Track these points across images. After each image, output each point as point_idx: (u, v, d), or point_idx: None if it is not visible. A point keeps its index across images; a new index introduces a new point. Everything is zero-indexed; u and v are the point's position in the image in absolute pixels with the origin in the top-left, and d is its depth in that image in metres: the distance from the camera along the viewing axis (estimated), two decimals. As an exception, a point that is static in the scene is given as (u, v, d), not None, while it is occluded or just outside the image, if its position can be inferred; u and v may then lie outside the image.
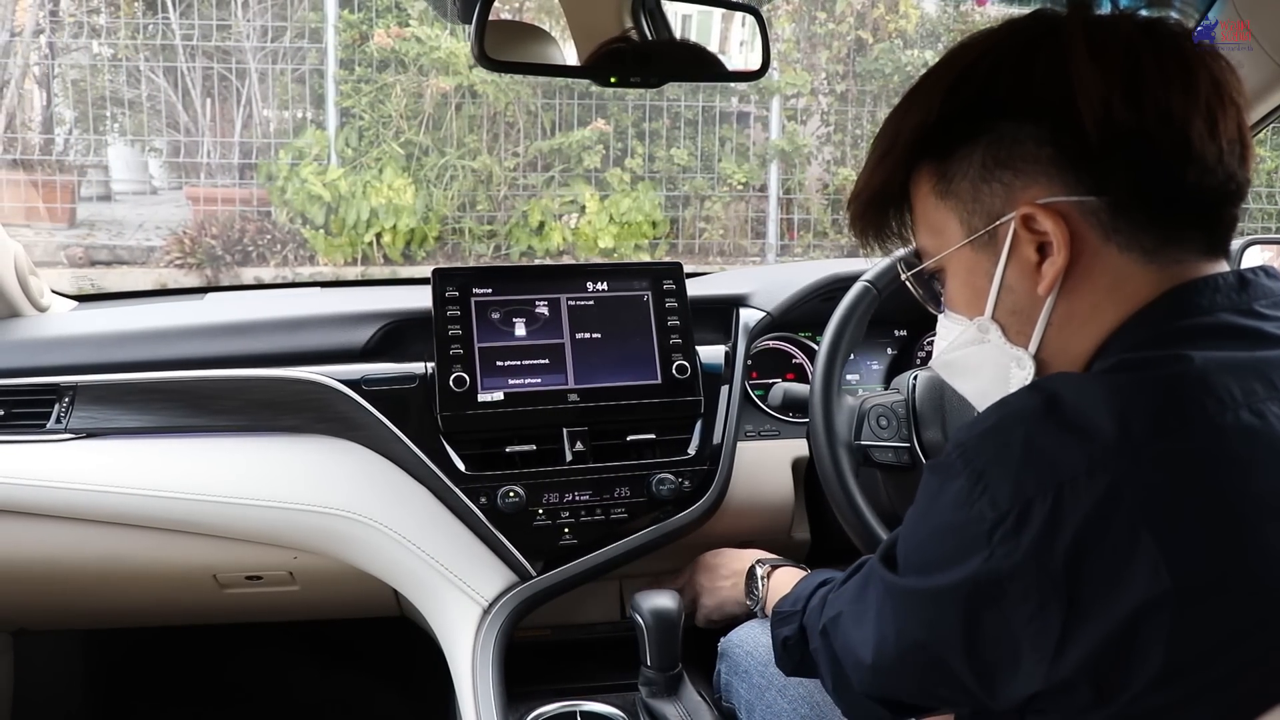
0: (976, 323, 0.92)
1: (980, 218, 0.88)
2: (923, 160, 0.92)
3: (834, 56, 7.15)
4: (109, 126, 6.93)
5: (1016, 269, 0.87)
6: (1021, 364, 0.90)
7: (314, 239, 6.23)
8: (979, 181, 0.87)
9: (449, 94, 6.37)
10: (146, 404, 1.60)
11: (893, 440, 1.50)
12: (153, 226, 6.70)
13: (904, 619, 0.87)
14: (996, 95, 0.85)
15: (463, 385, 1.59)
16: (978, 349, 0.93)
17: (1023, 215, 0.85)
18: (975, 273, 0.91)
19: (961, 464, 0.81)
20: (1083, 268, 0.84)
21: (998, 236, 0.88)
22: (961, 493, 0.80)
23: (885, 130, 0.94)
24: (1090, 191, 0.83)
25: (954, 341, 0.96)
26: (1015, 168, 0.85)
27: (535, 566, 1.60)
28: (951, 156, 0.89)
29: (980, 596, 0.78)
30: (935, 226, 0.93)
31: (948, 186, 0.90)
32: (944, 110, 0.88)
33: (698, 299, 1.77)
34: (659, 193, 6.65)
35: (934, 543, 0.84)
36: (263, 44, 6.49)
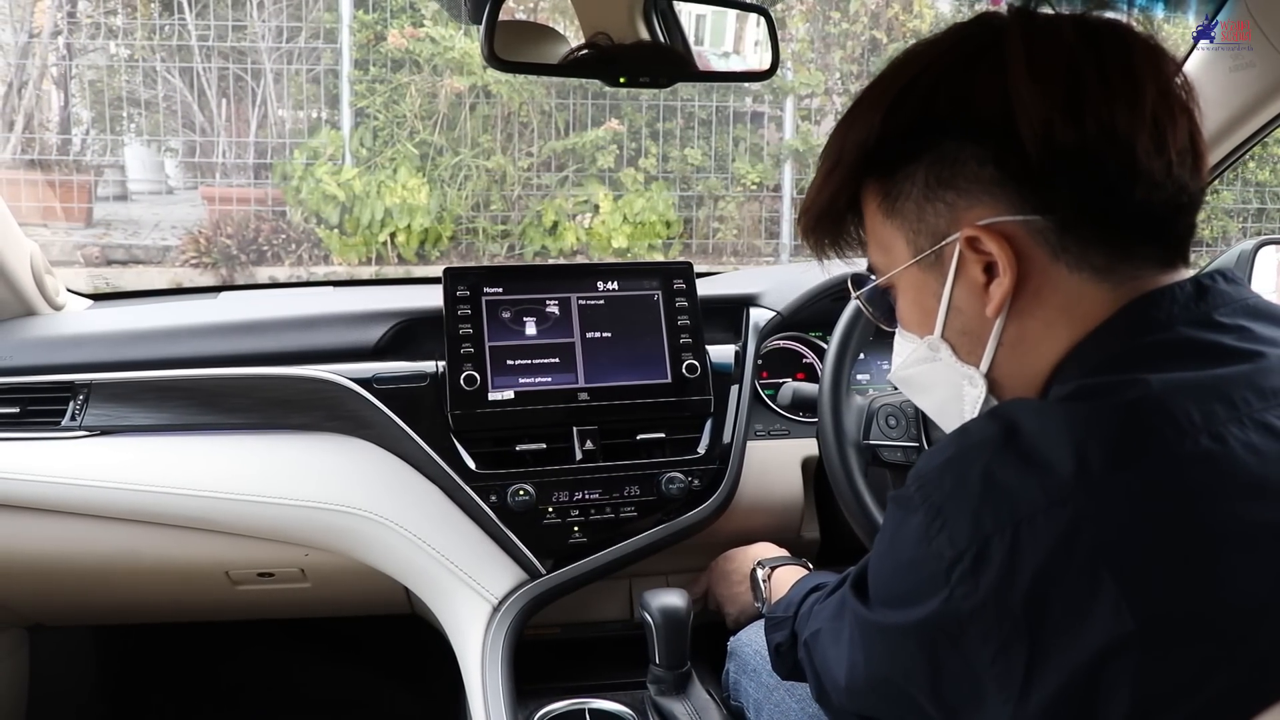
0: (927, 341, 0.90)
1: (926, 238, 0.86)
2: (868, 177, 0.89)
3: (848, 56, 7.14)
4: (125, 127, 6.97)
5: (964, 290, 0.85)
6: (974, 382, 0.89)
7: (328, 239, 6.25)
8: (923, 201, 0.85)
9: (463, 94, 6.39)
10: (160, 402, 1.62)
11: (901, 439, 1.50)
12: (168, 226, 6.74)
13: (871, 651, 0.86)
14: (937, 113, 0.82)
15: (473, 384, 1.60)
16: (930, 367, 0.91)
17: (967, 237, 0.82)
18: (924, 292, 0.89)
19: (920, 498, 0.79)
20: (1032, 288, 0.82)
21: (944, 257, 0.85)
22: (920, 528, 0.78)
23: (830, 145, 0.91)
24: (1035, 210, 0.80)
25: (907, 359, 0.94)
26: (958, 187, 0.83)
27: (545, 564, 1.61)
28: (895, 175, 0.86)
29: (941, 636, 0.77)
30: (883, 243, 0.91)
31: (893, 205, 0.87)
32: (885, 129, 0.85)
33: (708, 298, 1.78)
34: (673, 193, 6.65)
35: (896, 578, 0.82)
36: (278, 44, 6.52)
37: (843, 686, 0.92)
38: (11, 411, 1.61)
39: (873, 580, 0.86)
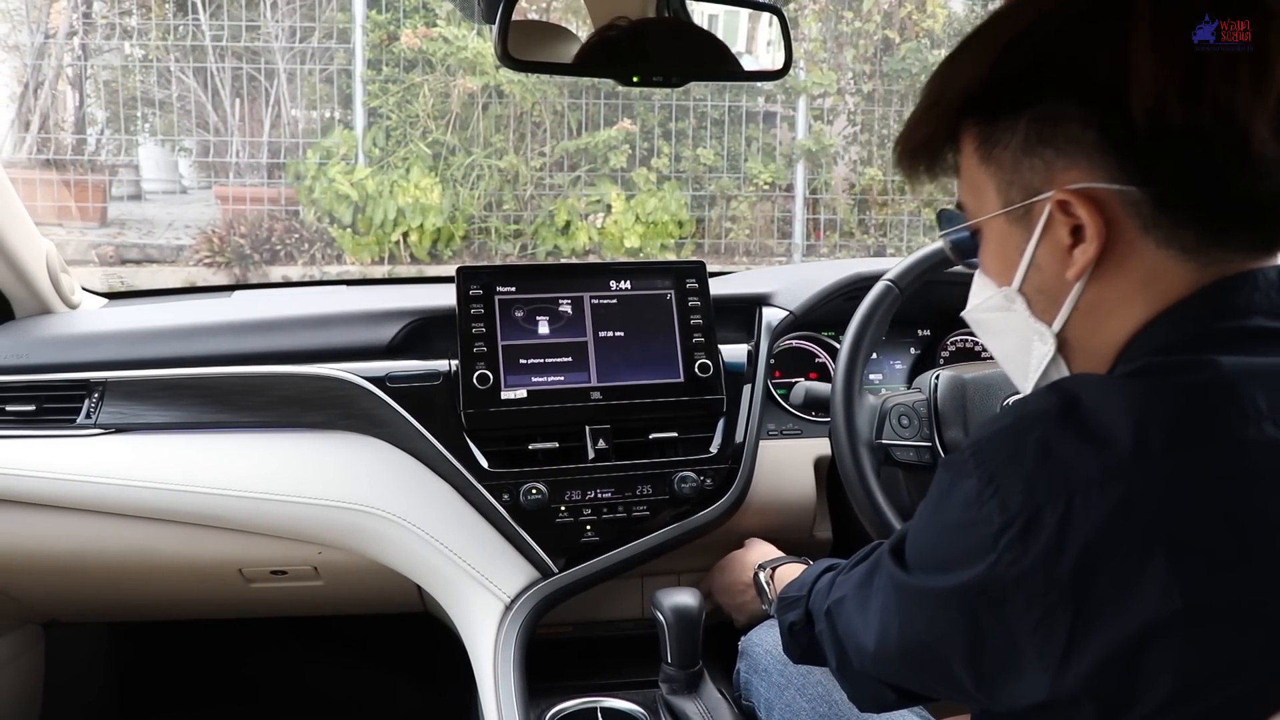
0: (1003, 292, 0.89)
1: (1018, 190, 0.84)
2: (968, 119, 0.87)
3: (860, 56, 7.13)
4: (140, 126, 7.00)
5: (1048, 249, 0.84)
6: (1044, 339, 0.88)
7: (341, 238, 6.27)
8: (1020, 154, 0.83)
9: (476, 94, 6.40)
10: (174, 400, 1.62)
11: (914, 439, 1.49)
12: (182, 225, 6.77)
13: (907, 615, 0.86)
14: (1047, 69, 0.80)
15: (486, 383, 1.60)
16: (1003, 315, 0.91)
17: (1058, 199, 0.80)
18: (1007, 244, 0.88)
19: (974, 463, 0.78)
20: (1117, 257, 0.80)
21: (1033, 213, 0.84)
22: (971, 493, 0.78)
23: (933, 82, 0.89)
24: (1133, 182, 0.77)
25: (982, 303, 0.94)
26: (1058, 146, 0.80)
27: (557, 563, 1.61)
28: (996, 122, 0.84)
29: (984, 601, 0.77)
30: (975, 186, 0.89)
31: (989, 151, 0.85)
32: (991, 76, 0.83)
33: (720, 298, 1.77)
34: (685, 192, 6.65)
35: (941, 542, 0.82)
36: (291, 44, 6.54)
37: (870, 652, 0.92)
38: (27, 409, 1.62)
39: (914, 545, 0.86)
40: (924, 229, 6.95)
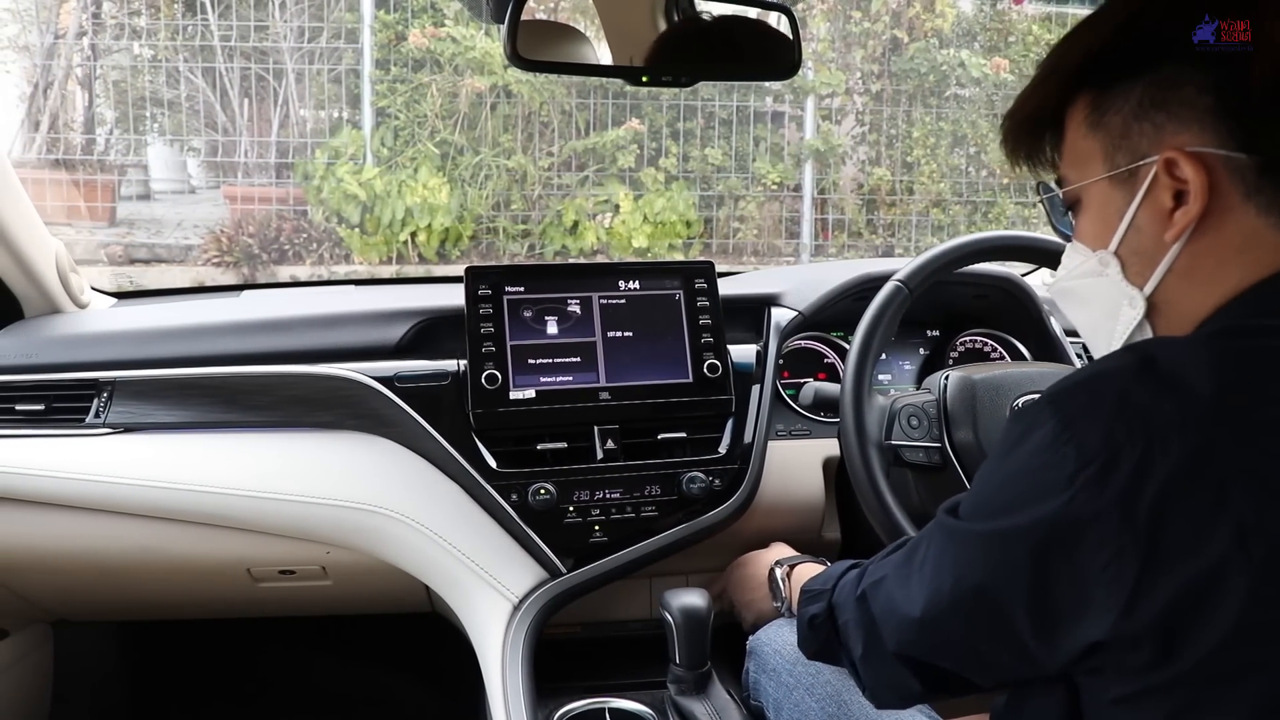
0: (1099, 255, 0.92)
1: (1125, 154, 0.88)
2: (1081, 89, 0.91)
3: (869, 56, 7.12)
4: (149, 126, 7.01)
5: (1149, 211, 0.87)
6: (1133, 303, 0.90)
7: (349, 238, 6.27)
8: (1131, 118, 0.87)
9: (484, 94, 6.40)
10: (183, 399, 1.62)
11: (923, 440, 1.49)
12: (191, 225, 6.78)
13: (965, 564, 0.87)
14: (1170, 35, 0.83)
15: (495, 383, 1.60)
16: (1094, 281, 0.93)
17: (1166, 159, 0.84)
18: (1108, 207, 0.91)
19: (1051, 410, 0.80)
20: (1216, 222, 0.83)
21: (1137, 176, 0.87)
22: (1046, 437, 0.79)
23: (1052, 54, 0.94)
24: (1241, 148, 0.81)
25: (1073, 270, 0.96)
26: (1170, 110, 0.84)
27: (565, 563, 1.61)
28: (1110, 90, 0.88)
29: (1053, 540, 0.78)
30: (1080, 156, 0.93)
31: (1100, 118, 0.89)
32: (1115, 41, 0.87)
33: (729, 298, 1.77)
34: (693, 192, 6.65)
35: (1010, 486, 0.83)
36: (299, 44, 6.55)
37: (916, 619, 0.92)
38: (37, 408, 1.62)
39: (977, 496, 0.87)
40: (931, 229, 6.94)
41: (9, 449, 1.59)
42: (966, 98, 6.98)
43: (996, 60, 6.92)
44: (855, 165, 7.14)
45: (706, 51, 1.37)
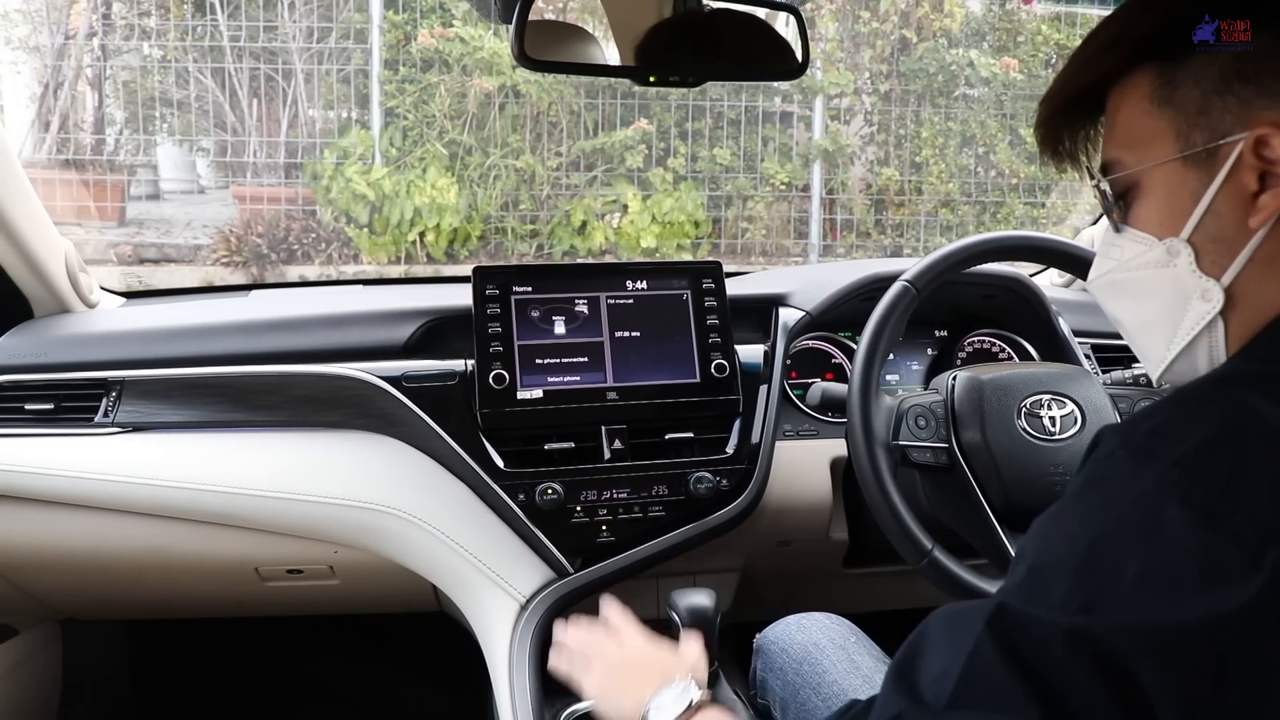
0: (1167, 244, 0.84)
1: (1202, 132, 0.79)
2: (1147, 61, 0.83)
3: (878, 56, 7.11)
4: (158, 127, 7.03)
5: (1230, 194, 0.79)
6: (1208, 295, 0.82)
7: (358, 238, 6.28)
8: (1211, 94, 0.79)
9: (492, 94, 6.40)
10: (191, 399, 1.63)
11: (931, 441, 1.49)
12: (200, 225, 6.80)
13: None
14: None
15: (502, 383, 1.61)
16: (1157, 272, 0.85)
17: (1257, 137, 0.76)
18: (1180, 191, 0.82)
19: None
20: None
21: (1217, 156, 0.79)
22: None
23: (1111, 24, 0.86)
24: None
25: (1129, 261, 0.88)
26: (1261, 84, 0.76)
27: (573, 563, 1.61)
28: (1186, 62, 0.80)
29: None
30: (1139, 137, 0.84)
31: (1170, 94, 0.81)
32: (1201, 6, 0.78)
33: (737, 298, 1.77)
34: (701, 192, 6.64)
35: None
36: (308, 45, 6.56)
37: None
38: (46, 408, 1.63)
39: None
40: (940, 229, 6.93)
41: (18, 448, 1.60)
42: (975, 98, 6.96)
43: (1005, 60, 6.90)
44: (864, 165, 7.13)
45: (713, 52, 1.37)
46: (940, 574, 1.42)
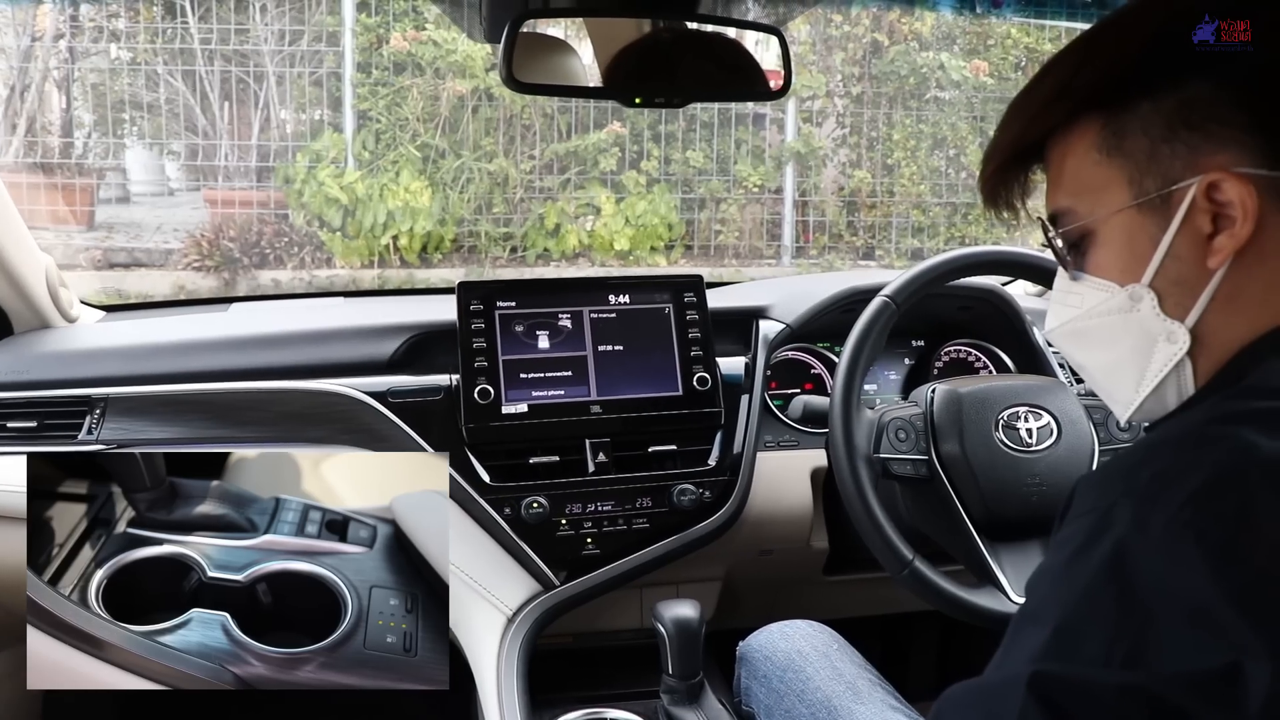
0: (1129, 290, 0.85)
1: (1154, 179, 0.81)
2: (1091, 112, 0.84)
3: (849, 58, 7.16)
4: (127, 130, 6.98)
5: (1187, 238, 0.80)
6: (1173, 338, 0.83)
7: (331, 241, 6.26)
8: (1159, 141, 0.80)
9: (465, 97, 6.40)
10: (176, 416, 1.63)
11: (911, 453, 1.51)
12: (170, 229, 6.75)
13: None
14: (1203, 49, 0.78)
15: (487, 397, 1.62)
16: (1120, 319, 0.86)
17: (1208, 182, 0.78)
18: (1137, 237, 0.83)
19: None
20: (1259, 246, 0.78)
21: (1170, 202, 0.80)
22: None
23: (1051, 76, 0.87)
24: (1277, 167, 0.77)
25: (1093, 309, 0.88)
26: (1206, 130, 0.78)
27: (559, 576, 1.63)
28: (1132, 111, 0.81)
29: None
30: (1089, 185, 0.85)
31: (1118, 144, 0.83)
32: (1142, 58, 0.80)
33: (718, 311, 1.79)
34: (675, 195, 6.66)
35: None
36: (280, 47, 6.53)
37: None
38: (29, 425, 1.62)
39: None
40: (912, 231, 6.98)
41: (2, 466, 1.59)
42: (946, 100, 7.02)
43: (976, 63, 6.97)
44: (836, 167, 7.18)
45: (697, 73, 1.39)
46: (921, 584, 1.45)
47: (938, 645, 2.25)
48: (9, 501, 1.58)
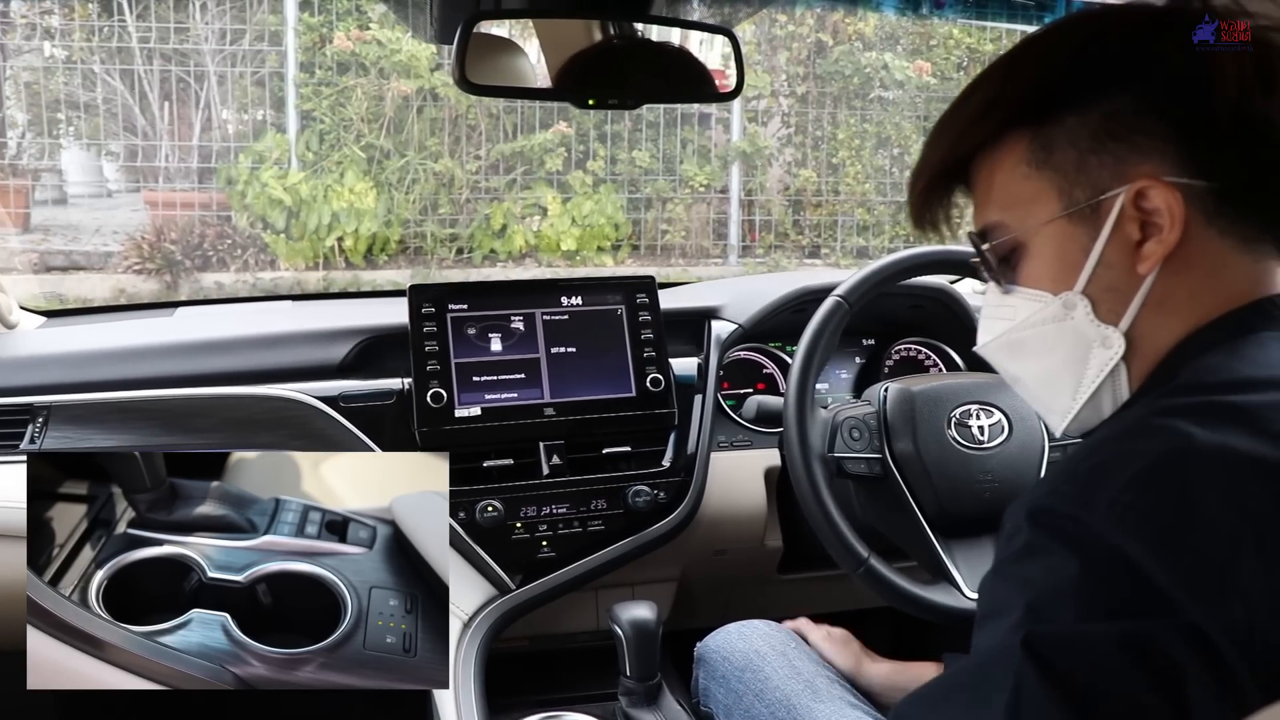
0: (1063, 298, 0.87)
1: (1084, 190, 0.84)
2: (1018, 127, 0.87)
3: (794, 58, 7.20)
4: (63, 130, 6.85)
5: (1117, 245, 0.83)
6: (1108, 342, 0.86)
7: (275, 243, 6.18)
8: (1087, 153, 0.83)
9: (410, 97, 6.36)
10: (122, 423, 1.60)
11: (865, 452, 1.53)
12: (110, 231, 6.63)
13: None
14: (1127, 63, 0.82)
15: (440, 401, 1.61)
16: (1055, 328, 0.88)
17: (1136, 190, 0.81)
18: (1069, 246, 0.86)
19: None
20: (1184, 251, 0.81)
21: (1100, 210, 0.83)
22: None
23: (978, 93, 0.89)
24: (1199, 175, 0.80)
25: (1027, 319, 0.90)
26: (1131, 141, 0.81)
27: (514, 579, 1.62)
28: (1059, 124, 0.84)
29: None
30: (1019, 198, 0.88)
31: (1047, 156, 0.85)
32: (1067, 73, 0.83)
33: (670, 311, 1.79)
34: (621, 195, 6.67)
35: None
36: (221, 46, 6.43)
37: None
38: None
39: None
40: (857, 229, 7.04)
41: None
42: (890, 100, 7.09)
43: (919, 63, 7.05)
44: (781, 167, 7.22)
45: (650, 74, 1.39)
46: (876, 581, 1.46)
47: (891, 641, 2.27)
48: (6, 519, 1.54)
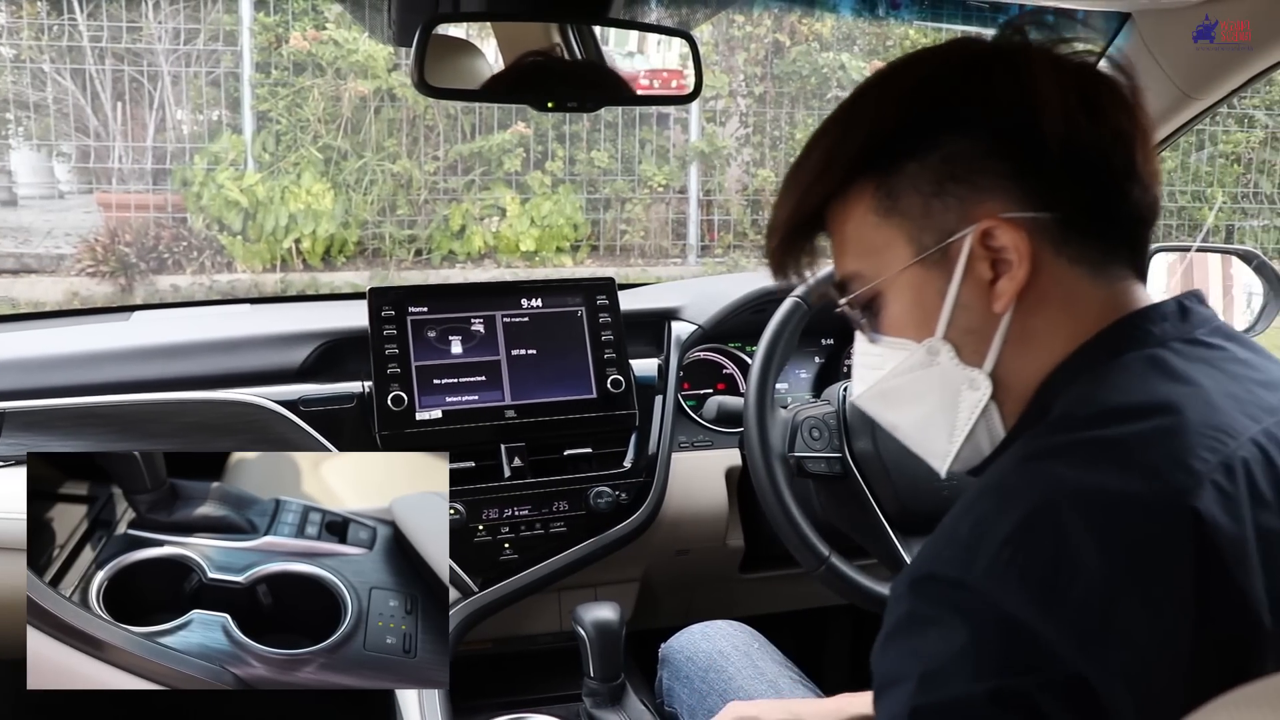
0: (926, 345, 0.86)
1: (931, 234, 0.84)
2: (862, 176, 0.86)
3: (751, 59, 7.24)
4: (12, 130, 6.74)
5: (971, 287, 0.83)
6: (975, 384, 0.86)
7: (231, 245, 6.13)
8: (930, 197, 0.83)
9: (367, 97, 6.32)
10: (79, 429, 1.58)
11: (825, 451, 1.54)
12: (62, 233, 6.53)
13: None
14: (956, 107, 0.82)
15: (400, 404, 1.60)
16: (924, 374, 0.88)
17: (982, 230, 0.81)
18: (925, 292, 0.86)
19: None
20: (1038, 285, 0.82)
21: (950, 254, 0.83)
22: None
23: (818, 146, 0.89)
24: (1042, 207, 0.81)
25: (896, 368, 0.89)
26: (971, 182, 0.82)
27: (476, 582, 1.62)
28: (900, 171, 0.84)
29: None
30: (872, 247, 0.87)
31: (894, 204, 0.85)
32: (900, 121, 0.84)
33: (630, 313, 1.80)
34: (580, 195, 6.67)
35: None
36: (175, 46, 6.36)
37: None
38: None
39: None
40: (816, 229, 7.07)
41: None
42: (847, 100, 7.13)
43: (875, 64, 7.09)
44: (740, 166, 7.25)
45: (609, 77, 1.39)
46: (837, 579, 1.48)
47: (852, 638, 2.29)
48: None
